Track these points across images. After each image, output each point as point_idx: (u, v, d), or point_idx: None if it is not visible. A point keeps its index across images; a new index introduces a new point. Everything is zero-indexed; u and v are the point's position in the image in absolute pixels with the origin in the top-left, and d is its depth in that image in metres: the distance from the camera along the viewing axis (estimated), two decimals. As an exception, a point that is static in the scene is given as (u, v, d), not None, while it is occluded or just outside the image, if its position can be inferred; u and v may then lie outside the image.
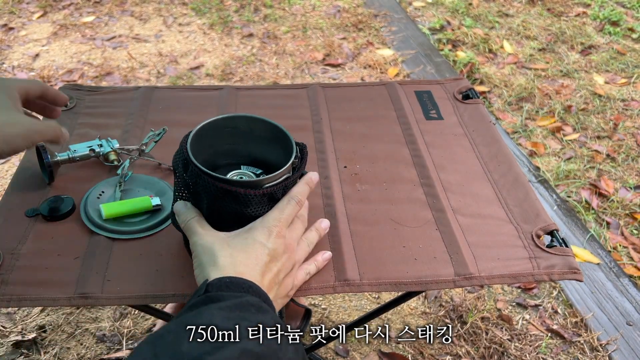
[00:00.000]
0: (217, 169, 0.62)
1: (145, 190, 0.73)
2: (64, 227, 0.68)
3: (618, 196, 1.69)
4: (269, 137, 0.61)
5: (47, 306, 1.28)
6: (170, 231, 0.69)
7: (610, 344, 1.29)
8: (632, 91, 2.18)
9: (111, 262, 0.64)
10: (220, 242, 0.53)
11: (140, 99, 0.91)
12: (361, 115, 0.90)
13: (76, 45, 2.43)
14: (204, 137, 0.58)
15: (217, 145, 0.61)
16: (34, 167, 0.77)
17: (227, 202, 0.53)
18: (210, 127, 0.59)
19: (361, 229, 0.70)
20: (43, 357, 1.23)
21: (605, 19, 2.67)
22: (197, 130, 0.57)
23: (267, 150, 0.62)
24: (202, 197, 0.55)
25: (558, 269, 0.65)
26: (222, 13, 2.72)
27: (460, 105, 0.93)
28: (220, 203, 0.54)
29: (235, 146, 0.63)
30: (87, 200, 0.71)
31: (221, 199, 0.53)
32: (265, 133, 0.61)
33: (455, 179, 0.78)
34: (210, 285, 0.47)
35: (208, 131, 0.59)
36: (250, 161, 0.64)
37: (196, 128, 0.58)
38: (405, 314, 1.34)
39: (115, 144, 0.77)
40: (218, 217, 0.56)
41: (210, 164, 0.58)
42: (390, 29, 2.62)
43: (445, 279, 0.64)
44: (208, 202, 0.54)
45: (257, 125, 0.61)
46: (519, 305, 1.39)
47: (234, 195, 0.52)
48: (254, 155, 0.63)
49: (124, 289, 0.61)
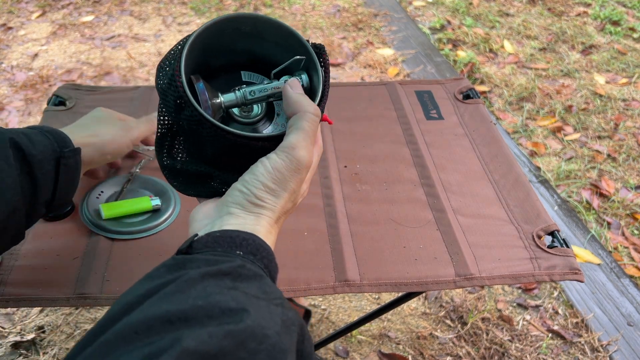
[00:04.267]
0: (211, 76, 0.50)
1: (145, 191, 0.73)
2: (63, 227, 0.68)
3: (619, 196, 1.69)
4: (281, 44, 0.49)
5: (46, 306, 1.27)
6: (170, 231, 0.69)
7: (611, 344, 1.29)
8: (633, 91, 2.18)
9: (110, 262, 0.64)
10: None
11: (139, 99, 0.90)
12: (361, 115, 0.90)
13: (75, 45, 2.43)
14: (197, 47, 0.46)
15: (212, 47, 0.49)
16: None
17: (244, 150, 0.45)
18: (208, 34, 0.46)
19: (361, 229, 0.69)
20: (42, 357, 1.22)
21: (606, 18, 2.67)
22: (191, 43, 0.44)
23: (274, 51, 0.50)
24: (205, 144, 0.45)
25: (559, 269, 0.65)
26: (222, 12, 2.71)
27: (460, 105, 0.93)
28: (234, 150, 0.45)
29: (234, 44, 0.50)
30: (86, 201, 0.70)
31: (236, 148, 0.45)
32: (275, 38, 0.49)
33: (456, 179, 0.78)
34: (196, 242, 0.41)
35: (204, 39, 0.46)
36: (250, 59, 0.51)
37: (190, 39, 0.44)
38: (405, 315, 1.34)
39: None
40: (227, 159, 0.47)
41: (202, 66, 0.48)
42: (391, 29, 2.62)
43: (445, 280, 0.63)
44: (215, 150, 0.46)
45: (266, 28, 0.48)
46: (519, 306, 1.38)
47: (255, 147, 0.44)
48: (253, 52, 0.51)
49: (124, 289, 0.61)
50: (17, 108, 1.99)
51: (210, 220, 0.45)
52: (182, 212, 0.71)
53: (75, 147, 0.58)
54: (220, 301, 0.34)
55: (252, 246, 0.41)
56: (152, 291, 0.35)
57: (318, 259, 0.65)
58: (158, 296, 0.34)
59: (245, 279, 0.37)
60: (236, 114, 0.49)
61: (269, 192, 0.43)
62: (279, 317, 0.35)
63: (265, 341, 0.32)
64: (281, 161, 0.43)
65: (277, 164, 0.43)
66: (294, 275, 0.63)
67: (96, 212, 0.69)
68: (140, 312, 0.33)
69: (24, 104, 2.02)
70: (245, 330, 0.32)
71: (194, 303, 0.33)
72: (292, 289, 0.62)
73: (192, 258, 0.39)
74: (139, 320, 0.32)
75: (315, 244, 0.67)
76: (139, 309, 0.33)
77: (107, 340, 0.31)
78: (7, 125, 1.92)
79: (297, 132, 0.44)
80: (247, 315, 0.33)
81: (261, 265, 0.41)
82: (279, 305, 0.37)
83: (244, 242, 0.41)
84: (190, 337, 0.30)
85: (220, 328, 0.31)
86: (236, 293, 0.35)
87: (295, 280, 0.63)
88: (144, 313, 0.33)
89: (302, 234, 0.68)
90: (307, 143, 0.44)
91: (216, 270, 0.37)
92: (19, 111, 1.98)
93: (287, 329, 0.35)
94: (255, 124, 0.50)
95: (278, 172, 0.43)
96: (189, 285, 0.35)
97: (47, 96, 2.06)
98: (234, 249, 0.40)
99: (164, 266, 0.38)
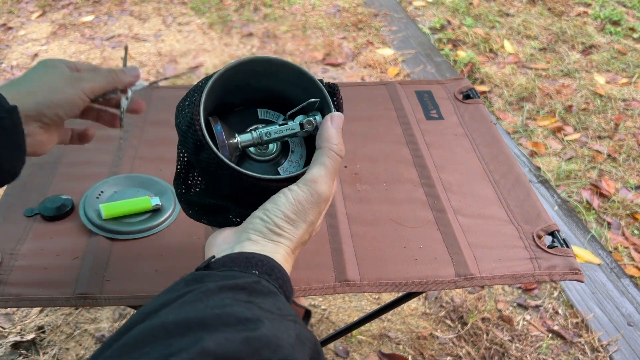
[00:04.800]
0: (228, 113, 0.52)
1: (145, 191, 0.73)
2: (63, 227, 0.68)
3: (619, 196, 1.69)
4: (296, 84, 0.51)
5: (46, 306, 1.27)
6: (170, 231, 0.69)
7: (611, 344, 1.29)
8: (633, 91, 2.18)
9: (110, 262, 0.64)
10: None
11: (139, 99, 0.90)
12: (361, 115, 0.90)
13: (75, 45, 2.43)
14: (215, 89, 0.48)
15: (229, 87, 0.50)
16: (33, 167, 0.76)
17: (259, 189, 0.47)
18: (224, 78, 0.48)
19: (361, 229, 0.69)
20: (42, 357, 1.22)
21: (606, 18, 2.67)
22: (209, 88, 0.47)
23: (290, 90, 0.52)
24: (223, 182, 0.47)
25: (559, 269, 0.65)
26: (222, 12, 2.71)
27: (460, 105, 0.93)
28: (250, 189, 0.47)
29: (248, 82, 0.51)
30: (86, 200, 0.70)
31: (252, 187, 0.46)
32: (289, 79, 0.51)
33: (456, 179, 0.78)
34: (214, 263, 0.43)
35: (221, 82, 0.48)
36: (266, 96, 0.53)
37: (208, 84, 0.46)
38: (405, 315, 1.34)
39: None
40: (243, 196, 0.48)
41: (219, 102, 0.50)
42: (391, 29, 2.62)
43: (446, 280, 0.63)
44: (233, 189, 0.48)
45: (280, 70, 0.50)
46: (519, 306, 1.38)
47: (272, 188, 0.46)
48: (269, 88, 0.52)
49: (123, 289, 0.61)
50: (17, 108, 1.99)
51: (229, 246, 0.46)
52: (182, 212, 0.71)
53: (10, 106, 0.51)
54: (237, 311, 0.35)
55: (268, 267, 0.42)
56: (171, 301, 0.36)
57: (318, 259, 0.65)
58: (176, 304, 0.35)
59: (260, 295, 0.38)
60: (252, 152, 0.51)
61: (289, 222, 0.45)
62: (293, 331, 0.36)
63: (279, 351, 0.33)
64: (302, 193, 0.45)
65: (298, 195, 0.45)
66: (294, 275, 0.63)
67: (96, 212, 0.69)
68: (158, 318, 0.34)
69: (24, 104, 2.02)
70: (261, 338, 0.33)
71: (211, 312, 0.34)
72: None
73: (209, 274, 0.40)
74: (157, 325, 0.33)
75: (315, 244, 0.67)
76: (157, 315, 0.34)
77: (125, 344, 0.32)
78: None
79: (320, 167, 0.46)
80: (262, 325, 0.34)
81: (276, 285, 0.42)
82: (293, 322, 0.38)
83: (260, 263, 0.42)
84: (209, 339, 0.31)
85: (238, 334, 0.32)
86: (251, 306, 0.36)
87: (295, 280, 0.63)
88: (162, 319, 0.34)
89: (302, 234, 0.68)
90: (328, 179, 0.46)
91: (233, 284, 0.38)
92: (19, 111, 1.98)
93: (301, 343, 0.36)
94: (271, 161, 0.52)
95: (299, 203, 0.45)
96: (207, 295, 0.36)
97: (47, 96, 2.06)
98: (249, 269, 0.41)
99: (182, 280, 0.40)
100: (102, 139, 0.83)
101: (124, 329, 0.34)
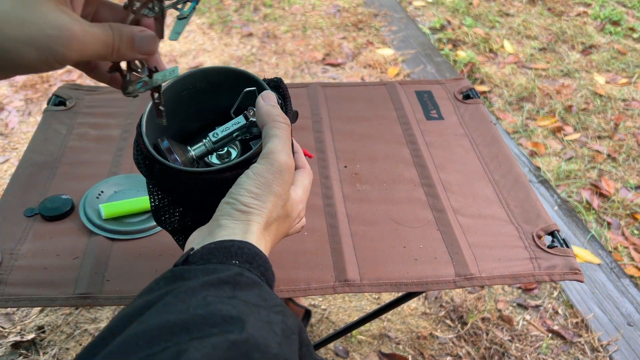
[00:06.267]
0: (190, 137, 0.53)
1: (145, 190, 0.73)
2: (63, 227, 0.68)
3: (619, 196, 1.69)
4: (233, 86, 0.51)
5: (45, 306, 1.27)
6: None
7: (610, 344, 1.29)
8: (633, 91, 2.18)
9: (110, 262, 0.64)
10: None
11: (139, 99, 0.90)
12: (361, 115, 0.90)
13: (76, 45, 2.42)
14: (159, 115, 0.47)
15: (181, 112, 0.52)
16: (33, 167, 0.76)
17: (225, 185, 0.46)
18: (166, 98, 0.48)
19: (361, 229, 0.69)
20: (42, 357, 1.22)
21: (605, 18, 2.67)
22: (148, 114, 0.48)
23: (232, 99, 0.52)
24: (186, 193, 0.47)
25: (559, 269, 0.65)
26: (222, 12, 2.71)
27: (460, 105, 0.93)
28: (217, 188, 0.47)
29: (200, 105, 0.53)
30: (86, 200, 0.70)
31: (218, 185, 0.46)
32: (226, 84, 0.51)
33: (456, 179, 0.78)
34: (192, 256, 0.41)
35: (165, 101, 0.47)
36: (221, 115, 0.53)
37: (145, 114, 0.48)
38: (405, 315, 1.34)
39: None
40: (216, 199, 0.47)
41: (182, 133, 0.51)
42: (391, 29, 2.61)
43: (445, 280, 0.63)
44: (197, 194, 0.47)
45: (215, 76, 0.51)
46: (519, 306, 1.38)
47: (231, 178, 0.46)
48: (220, 106, 0.53)
49: (123, 289, 0.61)
50: (17, 108, 1.99)
51: (202, 239, 0.46)
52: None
53: None
54: (221, 310, 0.34)
55: (248, 255, 0.42)
56: (152, 302, 0.35)
57: (318, 259, 0.65)
58: (158, 307, 0.34)
59: (244, 287, 0.37)
60: (216, 162, 0.51)
61: (254, 197, 0.44)
62: (280, 326, 0.36)
63: (268, 351, 0.32)
64: (262, 166, 0.45)
65: (258, 169, 0.45)
66: (294, 275, 0.63)
67: (96, 212, 0.69)
68: (140, 323, 0.33)
69: (24, 104, 2.02)
70: (248, 341, 0.32)
71: (194, 312, 0.33)
72: (292, 289, 0.62)
73: (189, 269, 0.39)
74: (140, 331, 0.32)
75: (315, 244, 0.67)
76: (139, 320, 0.33)
77: (109, 353, 0.31)
78: (7, 125, 1.92)
79: (272, 139, 0.46)
80: (248, 324, 0.33)
81: (258, 274, 0.41)
82: (279, 313, 0.37)
83: (239, 252, 0.41)
84: (195, 348, 0.30)
85: (224, 338, 0.31)
86: (236, 302, 0.35)
87: (295, 280, 0.63)
88: (144, 324, 0.33)
89: (302, 234, 0.68)
90: (284, 147, 0.45)
91: (215, 279, 0.37)
92: (19, 111, 1.98)
93: (287, 339, 0.36)
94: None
95: (260, 176, 0.44)
96: (189, 295, 0.35)
97: (47, 96, 2.06)
98: (229, 259, 0.41)
99: (163, 278, 0.39)
100: (102, 139, 0.83)
101: (105, 334, 0.33)
